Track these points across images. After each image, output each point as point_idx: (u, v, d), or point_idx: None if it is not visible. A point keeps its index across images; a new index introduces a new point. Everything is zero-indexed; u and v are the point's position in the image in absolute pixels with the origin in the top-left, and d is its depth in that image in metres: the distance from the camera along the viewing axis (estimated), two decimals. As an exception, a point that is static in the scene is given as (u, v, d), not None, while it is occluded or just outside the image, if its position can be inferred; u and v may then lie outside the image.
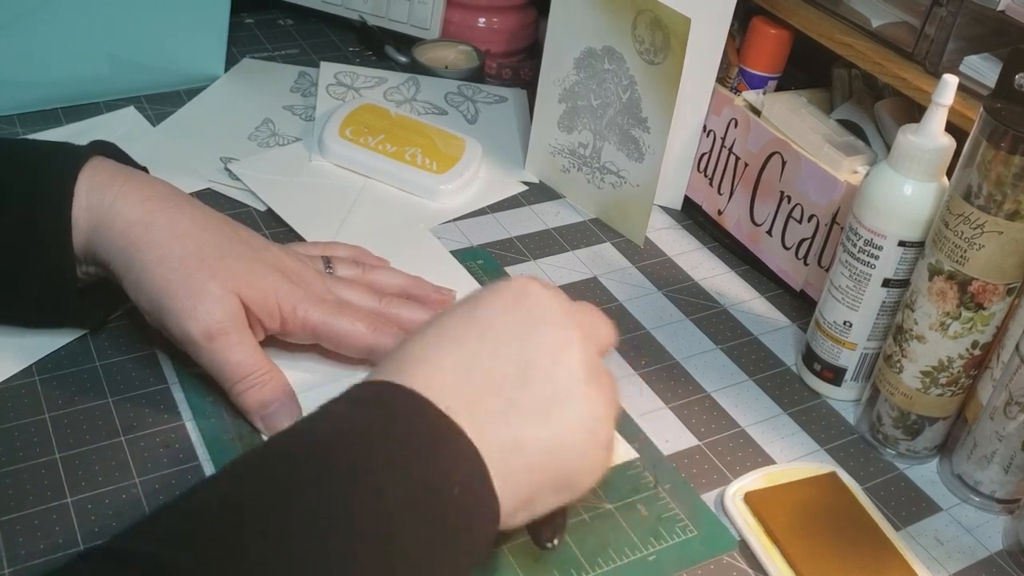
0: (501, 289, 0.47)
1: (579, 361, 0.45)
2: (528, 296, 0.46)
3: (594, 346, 0.47)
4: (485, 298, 0.47)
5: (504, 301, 0.46)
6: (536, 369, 0.44)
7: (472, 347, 0.44)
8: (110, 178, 0.55)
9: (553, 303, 0.47)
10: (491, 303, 0.46)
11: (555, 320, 0.46)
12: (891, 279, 0.58)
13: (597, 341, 0.48)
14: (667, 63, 0.68)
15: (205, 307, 0.53)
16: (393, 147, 0.77)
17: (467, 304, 0.47)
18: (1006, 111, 0.50)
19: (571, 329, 0.46)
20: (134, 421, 0.55)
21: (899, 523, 0.55)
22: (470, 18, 0.95)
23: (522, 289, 0.47)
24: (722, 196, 0.76)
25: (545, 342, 0.45)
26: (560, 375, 0.44)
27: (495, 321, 0.45)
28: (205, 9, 0.84)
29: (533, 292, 0.47)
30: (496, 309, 0.46)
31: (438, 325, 0.46)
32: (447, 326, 0.45)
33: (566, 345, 0.45)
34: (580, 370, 0.45)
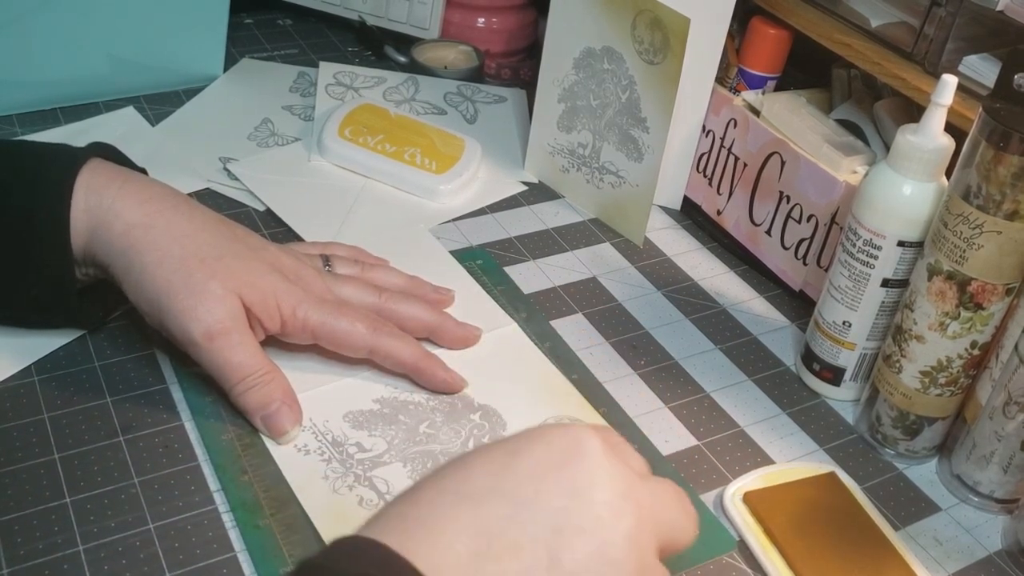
0: (551, 439, 0.38)
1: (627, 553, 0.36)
2: (582, 457, 0.37)
3: (653, 538, 0.38)
4: (527, 447, 0.38)
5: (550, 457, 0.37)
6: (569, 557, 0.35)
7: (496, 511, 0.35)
8: (108, 180, 0.55)
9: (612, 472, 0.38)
10: (533, 456, 0.37)
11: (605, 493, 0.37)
12: (890, 279, 0.58)
13: (662, 532, 0.39)
14: (666, 63, 0.68)
15: (206, 307, 0.53)
16: (392, 147, 0.77)
17: (504, 450, 0.38)
18: (1005, 111, 0.50)
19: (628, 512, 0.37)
20: (133, 421, 0.55)
21: (898, 523, 0.55)
22: (469, 18, 0.95)
23: (577, 446, 0.38)
24: (721, 196, 0.76)
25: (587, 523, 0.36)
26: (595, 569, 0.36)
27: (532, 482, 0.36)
28: (204, 9, 0.84)
29: (590, 453, 0.38)
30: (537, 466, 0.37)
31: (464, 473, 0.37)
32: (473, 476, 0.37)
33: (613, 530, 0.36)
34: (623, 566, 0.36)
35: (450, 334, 0.61)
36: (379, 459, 0.54)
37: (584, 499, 0.36)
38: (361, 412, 0.57)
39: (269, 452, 0.54)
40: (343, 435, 0.55)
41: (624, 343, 0.65)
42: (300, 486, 0.52)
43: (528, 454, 0.37)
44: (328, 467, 0.53)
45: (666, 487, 0.41)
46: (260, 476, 0.52)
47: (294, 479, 0.52)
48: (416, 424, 0.56)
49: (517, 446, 0.38)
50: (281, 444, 0.54)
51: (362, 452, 0.54)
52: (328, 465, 0.53)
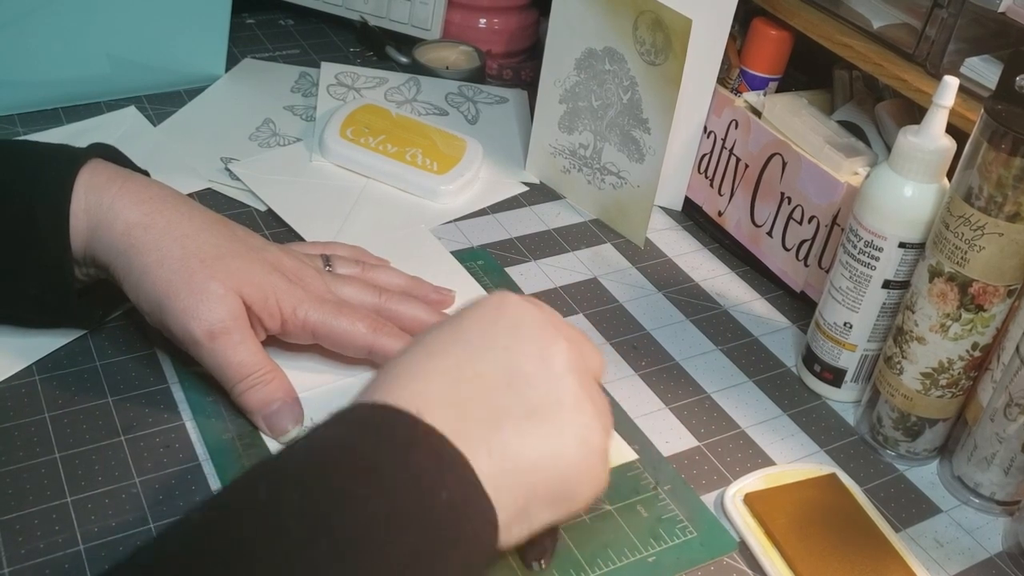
0: (481, 303, 0.47)
1: (567, 367, 0.45)
2: (508, 306, 0.47)
3: (581, 359, 0.46)
4: (466, 313, 0.47)
5: (485, 312, 0.46)
6: (523, 374, 0.44)
7: (457, 357, 0.44)
8: (108, 180, 0.55)
9: (534, 311, 0.47)
10: (473, 316, 0.46)
11: (538, 326, 0.46)
12: (891, 280, 0.58)
13: (584, 357, 0.47)
14: (668, 64, 0.68)
15: (207, 306, 0.53)
16: (394, 147, 0.77)
17: (450, 320, 0.47)
18: (1007, 113, 0.50)
19: (557, 337, 0.46)
20: (134, 421, 0.55)
21: (899, 524, 0.55)
22: (471, 19, 0.95)
23: (501, 301, 0.47)
24: (722, 197, 0.76)
25: (530, 348, 0.45)
26: (548, 380, 0.44)
27: (478, 331, 0.45)
28: (206, 9, 0.84)
29: (513, 304, 0.47)
30: (478, 320, 0.46)
31: (422, 341, 0.46)
32: (431, 340, 0.45)
33: (552, 350, 0.45)
34: (568, 376, 0.45)
35: (451, 334, 0.62)
36: None
37: (519, 334, 0.45)
38: (362, 412, 0.57)
39: (270, 452, 0.54)
40: (344, 435, 0.55)
41: (625, 344, 0.65)
42: (301, 486, 0.52)
43: (469, 317, 0.46)
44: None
45: (576, 328, 0.50)
46: (261, 476, 0.52)
47: (295, 479, 0.52)
48: (417, 424, 0.56)
49: (459, 315, 0.47)
50: (282, 443, 0.54)
51: (363, 452, 0.54)
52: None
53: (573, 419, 0.44)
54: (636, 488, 0.55)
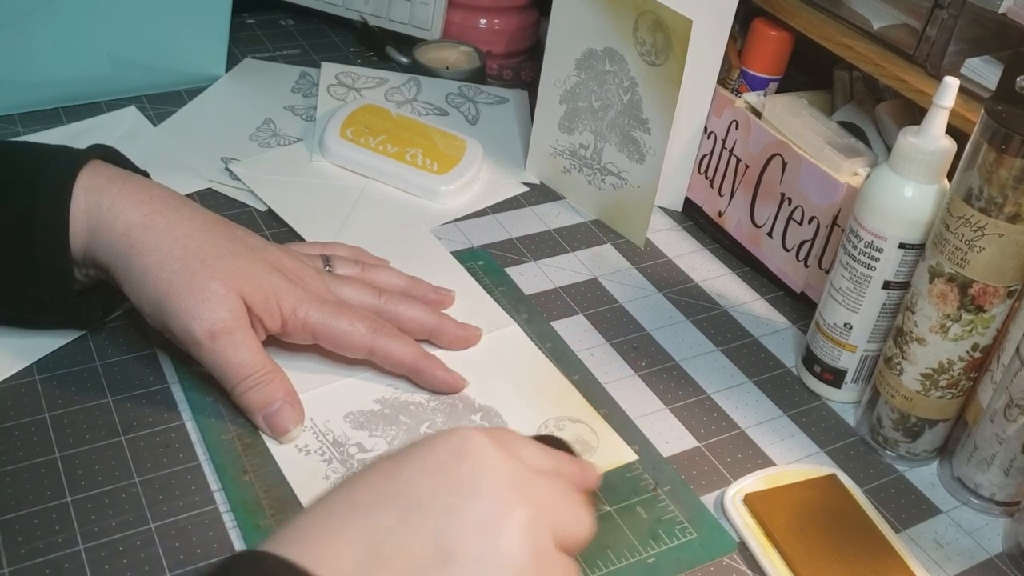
0: (438, 443, 0.39)
1: (519, 545, 0.36)
2: (469, 455, 0.38)
3: (549, 529, 0.38)
4: (415, 453, 0.39)
5: (437, 458, 0.38)
6: (460, 553, 0.36)
7: (385, 519, 0.36)
8: (108, 181, 0.55)
9: (500, 466, 0.38)
10: (421, 460, 0.38)
11: (495, 489, 0.37)
12: (891, 281, 0.58)
13: (557, 526, 0.39)
14: (668, 64, 0.68)
15: (208, 306, 0.53)
16: (394, 148, 0.77)
17: (393, 459, 0.39)
18: (1007, 113, 0.50)
19: (516, 504, 0.37)
20: (134, 420, 0.55)
21: (899, 525, 0.55)
22: (471, 19, 0.95)
23: (463, 445, 0.38)
24: (723, 198, 0.76)
25: (478, 515, 0.36)
26: (489, 562, 0.36)
27: (420, 486, 0.37)
28: (206, 9, 0.84)
29: (476, 450, 0.38)
30: (425, 470, 0.38)
31: (352, 485, 0.38)
32: (361, 488, 0.38)
33: (503, 523, 0.36)
34: (518, 558, 0.36)
35: (450, 335, 0.61)
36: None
37: (471, 494, 0.37)
38: (362, 412, 0.57)
39: (270, 452, 0.54)
40: (344, 435, 0.55)
41: (625, 344, 0.65)
42: (301, 486, 0.52)
43: (415, 460, 0.38)
44: (329, 467, 0.53)
45: (559, 483, 0.41)
46: (261, 476, 0.52)
47: (295, 479, 0.52)
48: (417, 425, 0.56)
49: (406, 454, 0.39)
50: (283, 443, 0.54)
51: (363, 452, 0.54)
52: (329, 465, 0.53)
53: None
54: (636, 489, 0.55)
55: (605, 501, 0.54)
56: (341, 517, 0.36)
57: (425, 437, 0.40)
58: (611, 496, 0.54)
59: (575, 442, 0.56)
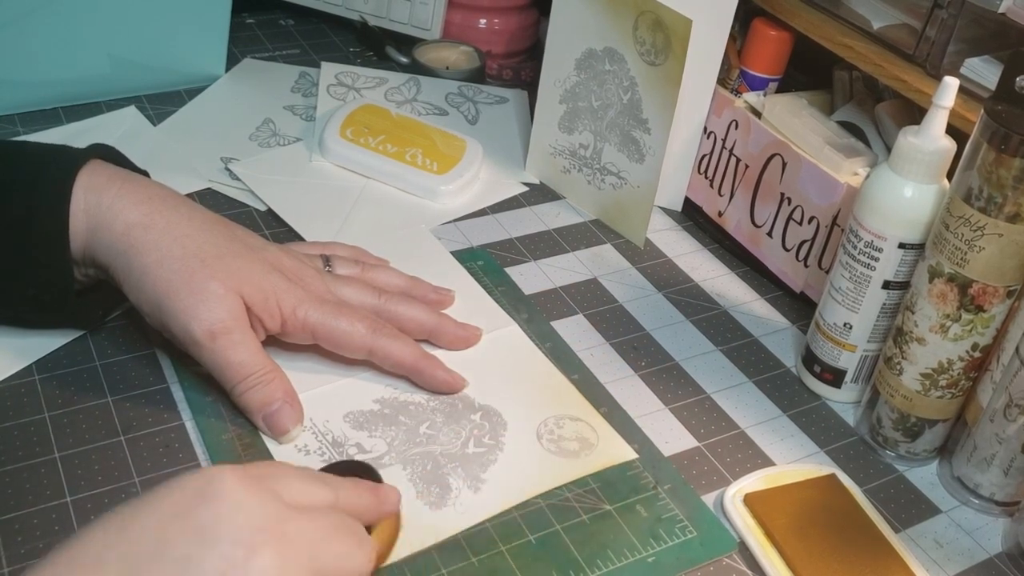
0: (179, 486, 0.36)
1: None
2: (212, 497, 0.35)
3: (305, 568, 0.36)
4: (153, 500, 0.35)
5: (175, 503, 0.35)
6: None
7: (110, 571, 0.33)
8: (108, 180, 0.55)
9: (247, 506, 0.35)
10: (158, 508, 0.35)
11: (236, 534, 0.34)
12: (891, 281, 0.58)
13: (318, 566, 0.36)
14: (668, 64, 0.68)
15: (207, 306, 0.53)
16: (394, 147, 0.77)
17: (130, 506, 0.35)
18: (1007, 113, 0.50)
19: (260, 548, 0.34)
20: (134, 420, 0.55)
21: (898, 525, 0.55)
22: (471, 19, 0.95)
23: (207, 487, 0.35)
24: (722, 198, 0.76)
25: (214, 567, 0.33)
26: None
27: (154, 536, 0.34)
28: (206, 9, 0.84)
29: (221, 492, 0.35)
30: (161, 517, 0.34)
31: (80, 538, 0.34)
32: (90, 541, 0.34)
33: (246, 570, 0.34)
34: None
35: (450, 335, 0.61)
36: (379, 460, 0.54)
37: (210, 542, 0.34)
38: (361, 412, 0.57)
39: (270, 452, 0.54)
40: (343, 435, 0.55)
41: (625, 344, 0.65)
42: (300, 486, 0.52)
43: (152, 507, 0.35)
44: None
45: (328, 518, 0.38)
46: (260, 476, 0.52)
47: (294, 479, 0.52)
48: (416, 425, 0.56)
49: (144, 499, 0.36)
50: (282, 443, 0.54)
51: (362, 453, 0.54)
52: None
53: None
54: (636, 488, 0.55)
55: (605, 500, 0.54)
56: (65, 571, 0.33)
57: (169, 480, 0.36)
58: (611, 495, 0.54)
59: (575, 440, 0.56)
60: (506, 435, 0.56)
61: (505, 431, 0.57)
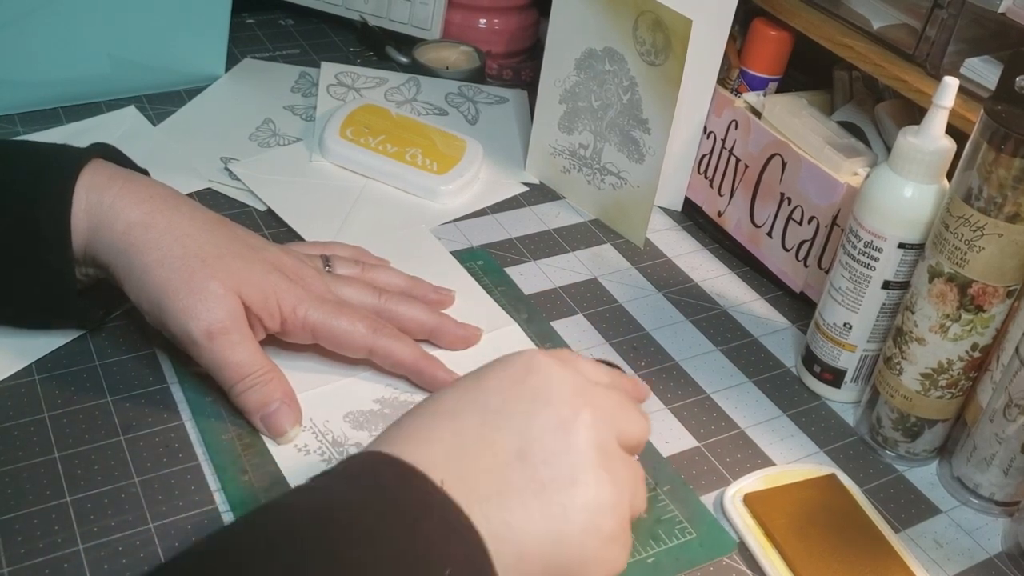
0: (509, 362, 0.44)
1: (586, 442, 0.42)
2: (537, 370, 0.43)
3: (611, 430, 0.43)
4: (490, 371, 0.44)
5: (510, 374, 0.43)
6: (536, 448, 0.41)
7: (470, 421, 0.42)
8: (109, 180, 0.55)
9: (564, 378, 0.43)
10: (496, 376, 0.44)
11: (562, 397, 0.43)
12: (891, 281, 0.58)
13: (618, 427, 0.44)
14: (668, 64, 0.68)
15: (206, 306, 0.53)
16: (394, 147, 0.77)
17: (471, 377, 0.44)
18: (1007, 113, 0.50)
19: (581, 408, 0.42)
20: (133, 420, 0.55)
21: (898, 525, 0.55)
22: (471, 19, 0.95)
23: (530, 362, 0.44)
24: (722, 198, 0.76)
25: (549, 420, 0.42)
26: (561, 457, 0.41)
27: (498, 395, 0.43)
28: (206, 9, 0.84)
29: (543, 366, 0.44)
30: (500, 383, 0.43)
31: (438, 397, 0.44)
32: (447, 398, 0.43)
33: (572, 424, 0.42)
34: (587, 453, 0.42)
35: (450, 335, 0.61)
36: None
37: (543, 400, 0.42)
38: (361, 412, 0.57)
39: (269, 452, 0.54)
40: (343, 435, 0.55)
41: (625, 344, 0.65)
42: (300, 486, 0.52)
43: (491, 376, 0.44)
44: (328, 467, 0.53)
45: (616, 392, 0.46)
46: (260, 476, 0.52)
47: (294, 479, 0.52)
48: (416, 424, 0.56)
49: (482, 371, 0.44)
50: (281, 444, 0.54)
51: (362, 452, 0.54)
52: (328, 465, 0.53)
53: (584, 500, 0.41)
54: (636, 488, 0.55)
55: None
56: (431, 421, 0.42)
57: (496, 359, 0.45)
58: (611, 496, 0.54)
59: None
60: (506, 435, 0.56)
61: (505, 431, 0.57)
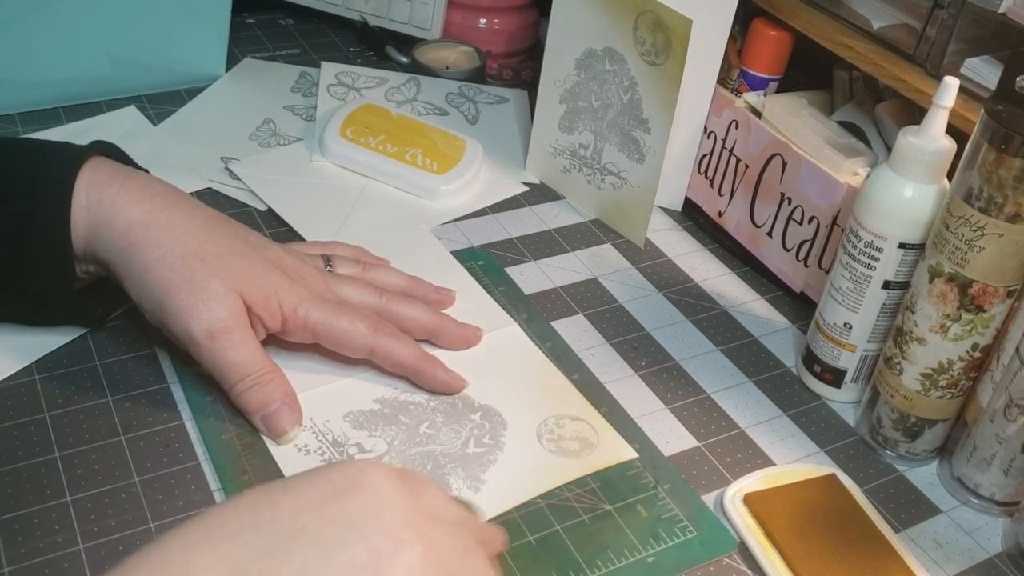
0: (334, 470, 0.36)
1: None
2: (365, 487, 0.35)
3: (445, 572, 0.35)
4: (306, 480, 0.36)
5: (327, 488, 0.35)
6: None
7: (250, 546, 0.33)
8: (109, 177, 0.55)
9: (396, 504, 0.35)
10: (311, 489, 0.35)
11: (386, 527, 0.34)
12: (891, 281, 0.58)
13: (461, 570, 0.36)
14: (668, 64, 0.68)
15: (207, 306, 0.53)
16: (394, 147, 0.77)
17: (278, 483, 0.36)
18: (1007, 113, 0.50)
19: (410, 544, 0.34)
20: (134, 420, 0.55)
21: (898, 525, 0.55)
22: (471, 19, 0.95)
23: (360, 476, 0.35)
24: (723, 197, 0.76)
25: (359, 555, 0.33)
26: None
27: (303, 515, 0.34)
28: (206, 9, 0.84)
29: (374, 484, 0.35)
30: (310, 497, 0.34)
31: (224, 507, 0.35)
32: (233, 509, 0.34)
33: (389, 562, 0.33)
34: None
35: (451, 334, 0.61)
36: (379, 460, 0.54)
37: (360, 529, 0.34)
38: (361, 412, 0.57)
39: (269, 452, 0.54)
40: (343, 435, 0.55)
41: (625, 344, 0.65)
42: (300, 486, 0.52)
43: (303, 488, 0.35)
44: None
45: (462, 533, 0.38)
46: (260, 476, 0.52)
47: (294, 479, 0.52)
48: (417, 425, 0.56)
49: (295, 480, 0.36)
50: (281, 444, 0.54)
51: (362, 453, 0.54)
52: (328, 465, 0.53)
53: None
54: (636, 488, 0.55)
55: (605, 500, 0.54)
56: (201, 545, 0.33)
57: (320, 466, 0.36)
58: (611, 495, 0.54)
59: (575, 439, 0.56)
60: (506, 435, 0.56)
61: (505, 431, 0.57)
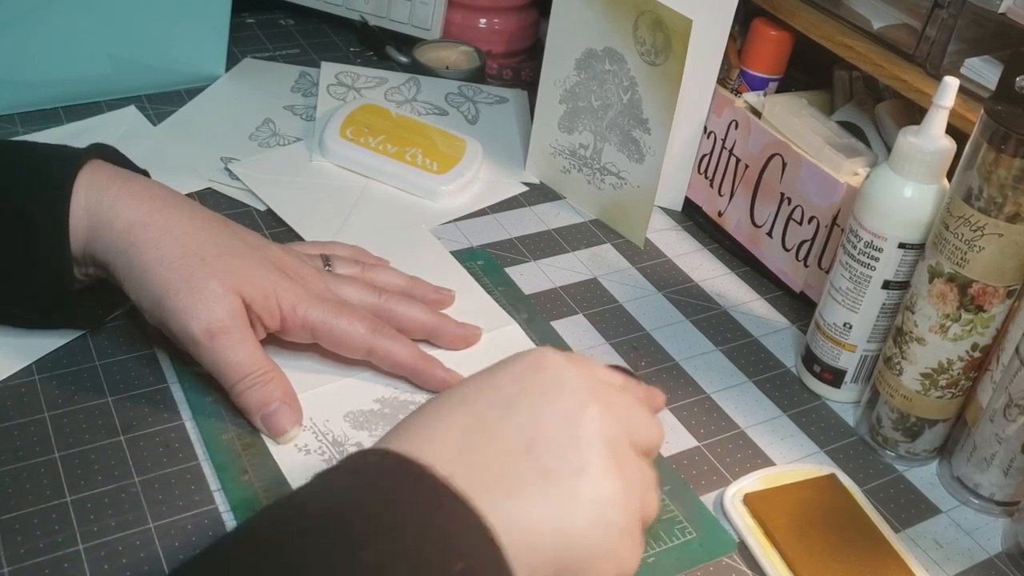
0: (521, 357, 0.45)
1: (594, 435, 0.42)
2: (548, 366, 0.44)
3: (620, 428, 0.43)
4: (502, 364, 0.44)
5: (521, 367, 0.44)
6: (544, 439, 0.41)
7: (480, 415, 0.41)
8: (108, 180, 0.55)
9: (575, 373, 0.44)
10: (507, 369, 0.44)
11: (572, 390, 0.43)
12: (891, 281, 0.58)
13: (628, 426, 0.44)
14: (668, 64, 0.68)
15: (207, 306, 0.53)
16: (394, 147, 0.77)
17: (483, 372, 0.45)
18: (1007, 113, 0.50)
19: (590, 402, 0.42)
20: (134, 420, 0.55)
21: (898, 525, 0.55)
22: (471, 19, 0.95)
23: (542, 358, 0.44)
24: (722, 197, 0.76)
25: (558, 412, 0.42)
26: (569, 448, 0.41)
27: (509, 387, 0.43)
28: (206, 9, 0.84)
29: (554, 362, 0.44)
30: (511, 375, 0.43)
31: (449, 392, 0.44)
32: (459, 388, 0.44)
33: (580, 416, 0.42)
34: (594, 445, 0.41)
35: (450, 334, 0.61)
36: None
37: (552, 393, 0.42)
38: (362, 412, 0.57)
39: (269, 452, 0.54)
40: (344, 435, 0.55)
41: (625, 344, 0.65)
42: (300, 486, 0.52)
43: (503, 368, 0.44)
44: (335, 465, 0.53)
45: (629, 395, 0.46)
46: (260, 476, 0.52)
47: (294, 479, 0.52)
48: (416, 424, 0.56)
49: (494, 365, 0.44)
50: (281, 444, 0.54)
51: (362, 452, 0.54)
52: (328, 465, 0.53)
53: (591, 492, 0.40)
54: (636, 488, 0.55)
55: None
56: (440, 411, 0.42)
57: (507, 357, 0.45)
58: (611, 496, 0.54)
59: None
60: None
61: (505, 431, 0.57)
